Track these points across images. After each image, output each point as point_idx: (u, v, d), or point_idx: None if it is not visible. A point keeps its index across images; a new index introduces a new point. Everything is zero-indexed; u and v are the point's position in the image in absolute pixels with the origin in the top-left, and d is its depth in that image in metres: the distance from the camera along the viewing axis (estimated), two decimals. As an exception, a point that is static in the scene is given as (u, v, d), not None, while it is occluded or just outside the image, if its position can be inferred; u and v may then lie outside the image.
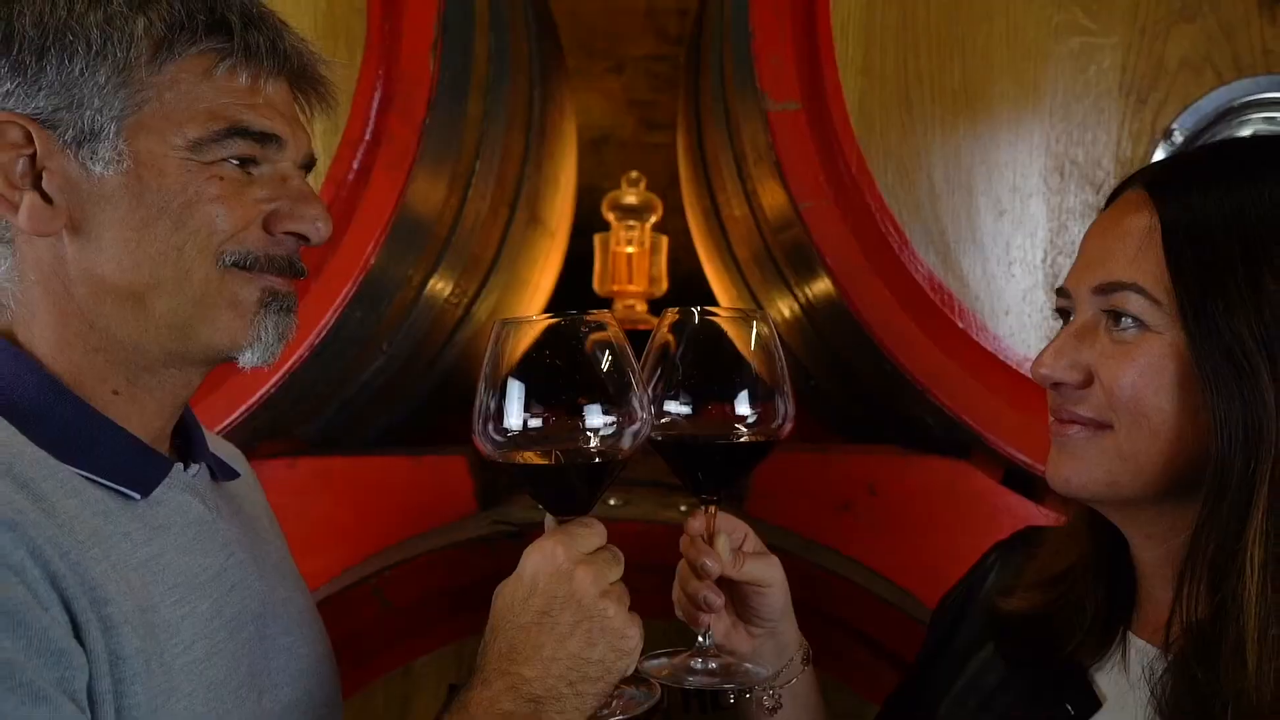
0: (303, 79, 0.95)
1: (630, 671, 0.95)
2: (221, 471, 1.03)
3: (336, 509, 1.58)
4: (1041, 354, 0.92)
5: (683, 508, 1.52)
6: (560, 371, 0.95)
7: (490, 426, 0.93)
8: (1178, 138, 1.51)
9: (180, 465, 0.96)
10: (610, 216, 2.55)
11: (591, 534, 0.95)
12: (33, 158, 0.85)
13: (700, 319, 1.03)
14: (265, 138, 0.91)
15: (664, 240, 2.63)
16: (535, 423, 0.93)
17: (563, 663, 0.91)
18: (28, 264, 0.88)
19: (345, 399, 1.75)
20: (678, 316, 1.02)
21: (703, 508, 1.03)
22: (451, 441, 1.87)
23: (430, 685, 1.44)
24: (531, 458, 0.94)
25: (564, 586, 0.92)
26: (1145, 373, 0.86)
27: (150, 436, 0.92)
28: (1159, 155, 1.54)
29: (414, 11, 1.52)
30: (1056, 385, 0.91)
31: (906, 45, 1.57)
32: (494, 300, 2.12)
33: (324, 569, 1.54)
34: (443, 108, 1.55)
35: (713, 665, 1.02)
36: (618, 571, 0.95)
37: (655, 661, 1.01)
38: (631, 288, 2.55)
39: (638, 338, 1.00)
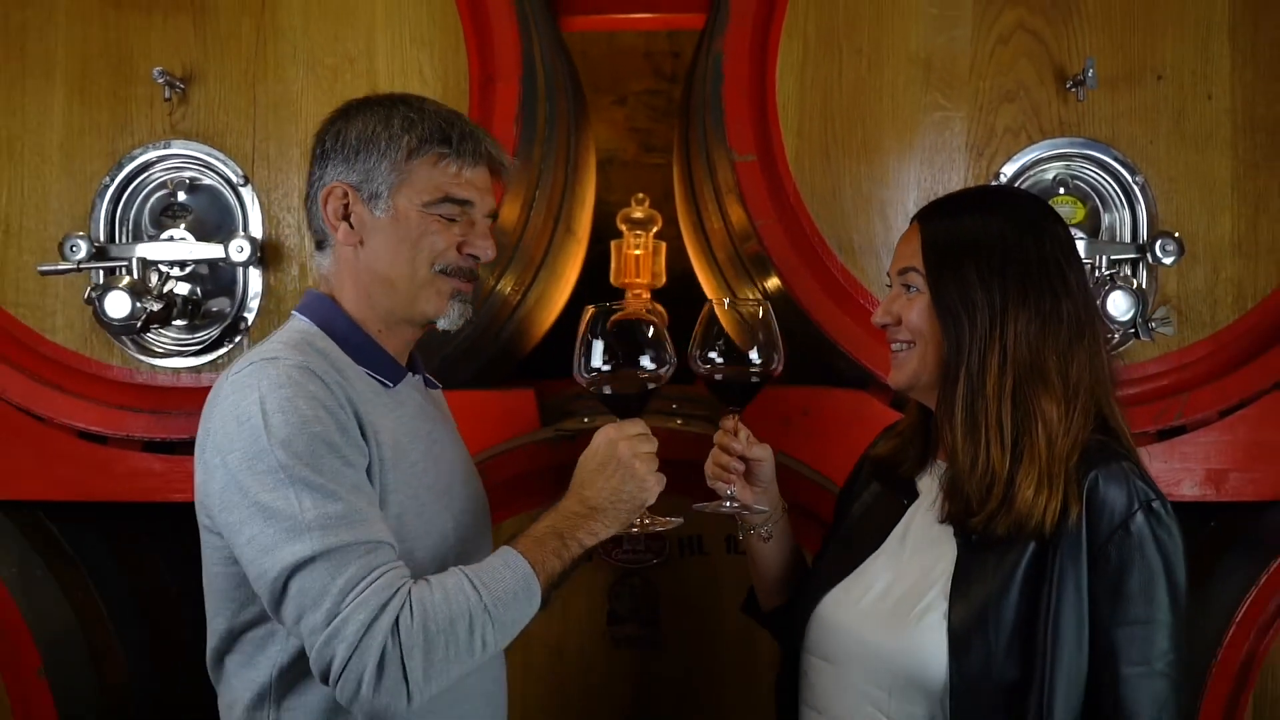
0: (492, 165, 1.45)
1: (649, 504, 1.37)
2: (429, 383, 1.56)
3: (447, 425, 2.07)
4: (876, 311, 1.46)
5: (678, 421, 2.06)
6: (624, 335, 1.38)
7: (583, 366, 1.38)
8: (1004, 179, 2.04)
9: (410, 373, 1.47)
10: (623, 227, 2.87)
11: (635, 425, 1.40)
12: (346, 204, 1.40)
13: (728, 306, 1.48)
14: (463, 202, 1.41)
15: (663, 245, 2.93)
16: (607, 367, 1.38)
17: (605, 491, 1.36)
18: (341, 259, 1.42)
19: (444, 355, 2.27)
20: (715, 303, 1.47)
21: (731, 415, 1.49)
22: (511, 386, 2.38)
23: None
24: (606, 385, 1.39)
25: (612, 451, 1.37)
26: (919, 314, 1.38)
27: (396, 357, 1.45)
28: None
29: (502, 95, 2.01)
30: (885, 326, 1.45)
31: (826, 117, 2.03)
32: (539, 291, 2.62)
33: (441, 465, 2.01)
34: (520, 156, 2.00)
35: (735, 505, 1.49)
36: (650, 447, 1.38)
37: (700, 505, 1.49)
38: (639, 281, 2.84)
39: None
